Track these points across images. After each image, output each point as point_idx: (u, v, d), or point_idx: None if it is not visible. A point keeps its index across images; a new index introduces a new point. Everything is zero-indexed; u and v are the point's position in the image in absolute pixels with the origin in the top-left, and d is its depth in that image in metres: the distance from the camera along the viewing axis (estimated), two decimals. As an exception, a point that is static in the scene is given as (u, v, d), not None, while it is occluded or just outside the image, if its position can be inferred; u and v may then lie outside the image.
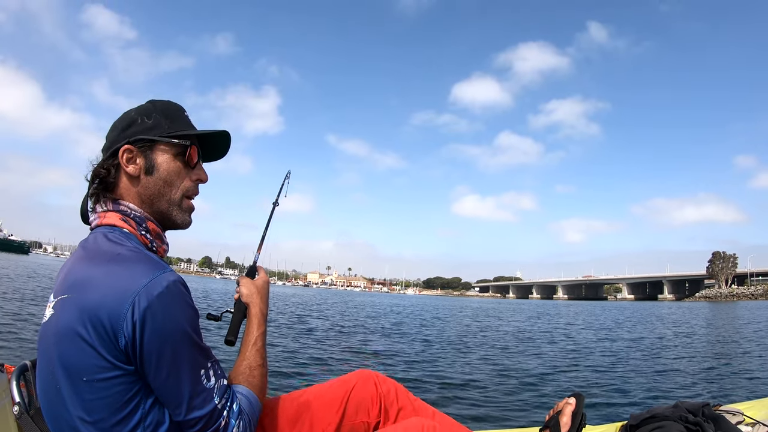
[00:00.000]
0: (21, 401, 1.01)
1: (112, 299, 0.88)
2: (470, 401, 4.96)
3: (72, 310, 0.89)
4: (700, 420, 1.55)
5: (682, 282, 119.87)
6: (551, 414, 1.50)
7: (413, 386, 5.45)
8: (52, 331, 0.91)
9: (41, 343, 0.95)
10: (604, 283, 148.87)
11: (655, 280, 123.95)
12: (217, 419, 0.96)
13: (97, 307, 0.88)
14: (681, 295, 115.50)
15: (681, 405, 1.65)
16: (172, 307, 0.92)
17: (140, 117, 1.08)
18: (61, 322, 0.90)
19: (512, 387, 5.77)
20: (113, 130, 1.09)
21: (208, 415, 0.95)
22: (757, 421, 1.62)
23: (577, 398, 1.47)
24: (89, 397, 0.89)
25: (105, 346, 0.88)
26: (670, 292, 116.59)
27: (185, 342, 0.93)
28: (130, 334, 0.87)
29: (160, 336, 0.90)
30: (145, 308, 0.87)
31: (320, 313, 19.31)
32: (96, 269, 0.93)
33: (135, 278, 0.90)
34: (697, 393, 5.66)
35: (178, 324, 0.92)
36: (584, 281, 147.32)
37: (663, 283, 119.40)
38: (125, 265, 0.93)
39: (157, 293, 0.89)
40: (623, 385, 6.00)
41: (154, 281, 0.90)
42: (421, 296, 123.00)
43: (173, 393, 0.92)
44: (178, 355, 0.92)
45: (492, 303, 60.73)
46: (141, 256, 0.96)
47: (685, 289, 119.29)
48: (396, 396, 1.34)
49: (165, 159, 1.08)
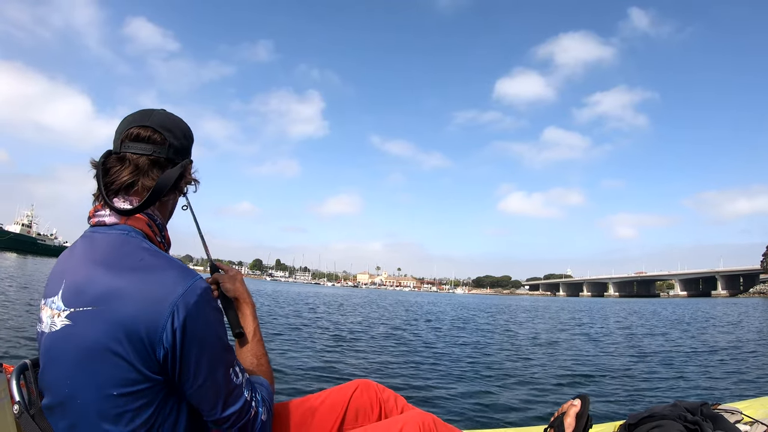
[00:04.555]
0: (21, 400, 0.99)
1: (149, 311, 0.87)
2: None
3: (102, 325, 0.86)
4: (699, 419, 1.57)
5: (737, 277, 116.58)
6: (556, 415, 1.50)
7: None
8: (76, 345, 0.88)
9: (52, 353, 0.92)
10: (656, 280, 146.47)
11: (708, 276, 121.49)
12: (248, 411, 1.02)
13: (134, 321, 0.86)
14: (735, 291, 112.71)
15: (680, 404, 1.67)
16: (207, 313, 0.93)
17: (189, 131, 1.11)
18: (90, 337, 0.87)
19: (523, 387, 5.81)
20: (175, 130, 1.06)
21: (241, 409, 1.00)
22: (755, 419, 1.65)
23: (583, 400, 1.47)
24: (116, 411, 0.88)
25: (141, 359, 0.87)
26: (724, 287, 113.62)
27: (219, 345, 0.96)
28: (170, 344, 0.87)
29: (199, 343, 0.91)
30: (184, 318, 0.88)
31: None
32: (124, 279, 0.89)
33: (170, 287, 0.89)
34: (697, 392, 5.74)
35: (214, 329, 0.95)
36: (636, 278, 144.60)
37: (716, 279, 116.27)
38: (157, 273, 0.91)
39: (194, 302, 0.90)
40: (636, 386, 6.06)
41: (190, 290, 0.90)
42: (471, 295, 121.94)
43: (210, 395, 0.95)
44: (215, 358, 0.95)
45: (534, 302, 59.98)
46: (170, 263, 0.95)
47: (739, 285, 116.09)
48: (395, 403, 1.37)
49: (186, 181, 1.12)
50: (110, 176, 0.99)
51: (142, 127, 1.01)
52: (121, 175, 0.99)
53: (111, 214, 0.99)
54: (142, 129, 1.01)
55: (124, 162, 1.00)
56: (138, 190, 1.00)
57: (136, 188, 1.00)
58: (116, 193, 1.00)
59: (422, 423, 1.14)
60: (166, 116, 1.06)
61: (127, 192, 1.00)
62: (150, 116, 1.04)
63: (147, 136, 1.01)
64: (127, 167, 0.99)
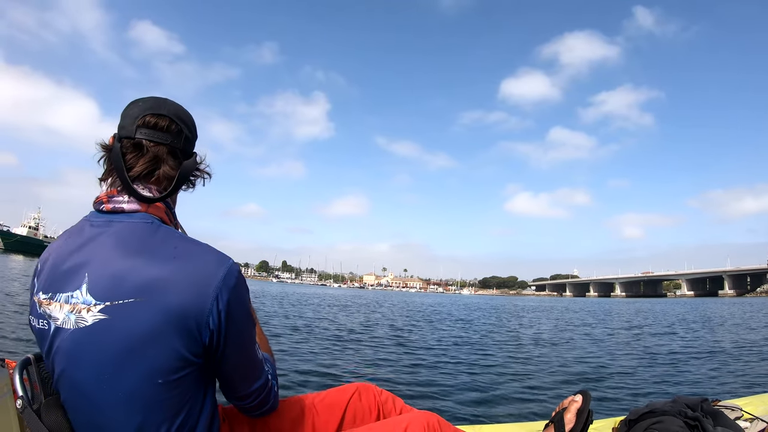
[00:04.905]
0: (24, 395, 0.99)
1: (195, 297, 0.89)
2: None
3: (149, 316, 0.86)
4: (699, 415, 1.56)
5: (744, 276, 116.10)
6: (557, 410, 1.50)
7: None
8: (118, 338, 0.86)
9: (83, 349, 0.89)
10: (662, 280, 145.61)
11: (715, 275, 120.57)
12: (267, 383, 1.08)
13: (181, 308, 0.88)
14: (742, 291, 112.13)
15: (680, 400, 1.66)
16: (243, 293, 0.98)
17: (195, 124, 1.10)
18: (137, 329, 0.86)
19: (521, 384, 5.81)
20: (188, 122, 1.06)
21: (264, 382, 1.07)
22: (755, 416, 1.64)
23: (584, 395, 1.46)
24: (158, 399, 0.90)
25: (188, 345, 0.89)
26: (731, 287, 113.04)
27: (252, 323, 1.01)
28: (216, 326, 0.91)
29: (239, 322, 0.96)
30: (227, 300, 0.92)
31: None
32: (165, 268, 0.89)
33: (212, 272, 0.91)
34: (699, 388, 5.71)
35: (248, 308, 1.01)
36: (642, 278, 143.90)
37: (723, 278, 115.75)
38: (196, 259, 0.92)
39: (233, 284, 0.94)
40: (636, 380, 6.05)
41: (229, 272, 0.93)
42: (476, 296, 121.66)
43: (243, 370, 1.02)
44: (250, 336, 1.00)
45: (540, 302, 59.48)
46: (205, 248, 0.96)
47: (746, 284, 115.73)
48: (393, 405, 1.37)
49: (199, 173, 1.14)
50: (126, 162, 0.97)
51: (158, 116, 1.00)
52: (138, 162, 0.97)
53: (131, 201, 0.97)
54: (159, 118, 1.00)
55: (141, 149, 0.98)
56: (158, 178, 0.99)
57: (156, 176, 0.99)
58: (133, 180, 0.97)
59: (427, 423, 1.14)
60: (178, 107, 1.06)
61: (146, 180, 0.99)
62: (164, 105, 1.02)
63: (165, 126, 1.00)
64: (145, 155, 0.98)
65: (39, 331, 0.96)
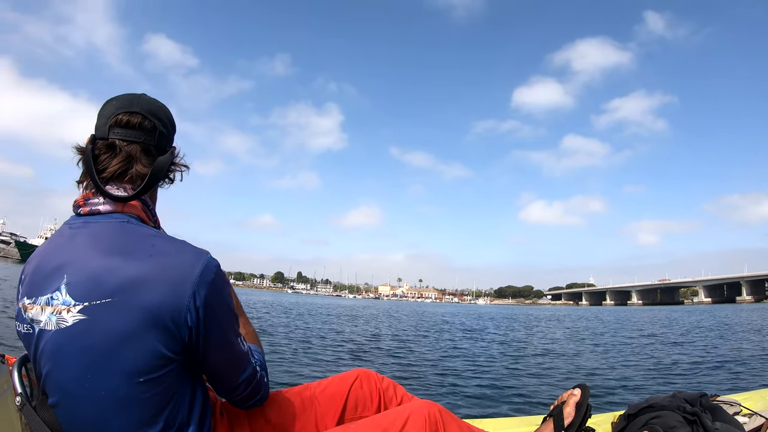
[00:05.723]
0: (23, 392, 0.99)
1: (173, 295, 0.88)
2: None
3: (127, 314, 0.86)
4: (698, 410, 1.55)
5: (762, 282, 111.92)
6: (556, 404, 1.50)
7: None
8: (98, 338, 0.86)
9: (65, 350, 0.89)
10: (679, 287, 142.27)
11: (733, 281, 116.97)
12: (255, 374, 1.08)
13: (159, 306, 0.87)
14: (761, 296, 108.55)
15: (679, 395, 1.65)
16: (222, 288, 0.97)
17: (172, 118, 1.10)
18: (116, 329, 0.86)
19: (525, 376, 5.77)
20: (163, 117, 1.05)
21: (251, 374, 1.06)
22: (754, 411, 1.62)
23: (582, 389, 1.46)
24: (141, 397, 0.89)
25: (167, 343, 0.89)
26: (749, 293, 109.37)
27: (233, 316, 1.00)
28: (194, 322, 0.91)
29: (219, 317, 0.95)
30: (205, 296, 0.91)
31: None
32: (142, 266, 0.89)
33: (189, 268, 0.91)
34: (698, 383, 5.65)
35: (229, 302, 0.99)
36: (659, 285, 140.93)
37: (741, 284, 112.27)
38: (173, 257, 0.92)
39: (211, 279, 0.93)
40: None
41: (206, 268, 0.94)
42: (492, 306, 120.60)
43: (229, 364, 1.01)
44: (231, 329, 1.00)
45: (555, 311, 58.50)
46: (181, 245, 0.96)
47: (765, 290, 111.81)
48: (395, 392, 1.37)
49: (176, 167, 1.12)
50: (100, 164, 0.97)
51: (131, 114, 0.99)
52: (112, 163, 0.97)
53: (106, 202, 0.96)
54: (132, 115, 0.99)
55: (114, 149, 0.98)
56: (131, 177, 0.98)
57: (129, 176, 0.98)
58: (107, 181, 0.97)
59: (428, 413, 1.14)
60: (152, 102, 1.04)
61: (120, 180, 0.98)
62: (137, 102, 1.01)
63: (137, 123, 0.99)
64: (118, 155, 0.97)
65: (24, 336, 0.96)
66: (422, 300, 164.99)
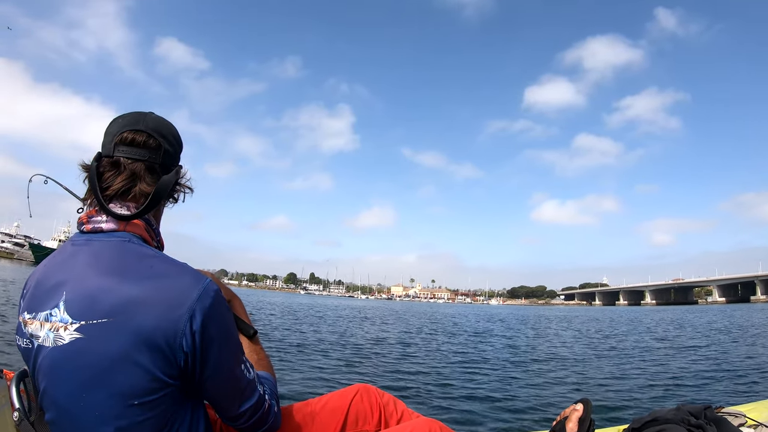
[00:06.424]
0: (21, 407, 0.99)
1: (168, 318, 0.86)
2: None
3: (122, 336, 0.85)
4: (703, 423, 1.53)
5: None
6: (558, 419, 1.48)
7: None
8: (93, 358, 0.86)
9: (61, 367, 0.88)
10: (693, 286, 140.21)
11: (747, 281, 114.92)
12: (262, 404, 1.04)
13: (154, 329, 0.86)
14: None
15: (683, 408, 1.63)
16: (222, 313, 0.94)
17: (179, 137, 1.09)
18: (110, 350, 0.85)
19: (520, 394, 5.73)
20: (169, 136, 1.05)
21: (257, 402, 1.02)
22: (759, 422, 1.60)
23: (585, 404, 1.44)
24: (135, 420, 0.88)
25: (162, 367, 0.87)
26: (764, 292, 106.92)
27: (234, 343, 0.98)
28: (190, 348, 0.89)
29: (218, 343, 0.93)
30: (202, 321, 0.89)
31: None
32: (139, 287, 0.88)
33: (186, 292, 0.89)
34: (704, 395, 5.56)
35: (229, 329, 0.97)
36: (672, 285, 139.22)
37: (755, 284, 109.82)
38: (171, 279, 0.91)
39: (209, 304, 0.91)
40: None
41: (204, 293, 0.91)
42: (504, 306, 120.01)
43: (229, 392, 0.98)
44: (232, 356, 0.97)
45: (569, 312, 58.13)
46: (181, 267, 0.94)
47: None
48: (395, 407, 1.36)
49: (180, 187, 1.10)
50: (104, 181, 0.97)
51: (136, 132, 0.99)
52: (116, 180, 0.97)
53: (108, 220, 0.96)
54: (137, 134, 0.99)
55: (119, 167, 0.98)
56: (135, 195, 0.98)
57: (133, 194, 0.98)
58: (111, 199, 0.97)
59: (429, 430, 1.13)
60: (159, 121, 1.04)
61: (123, 198, 0.98)
62: (143, 120, 1.01)
63: (142, 141, 0.99)
64: (122, 173, 0.97)
65: (24, 351, 0.96)
66: (435, 300, 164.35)
